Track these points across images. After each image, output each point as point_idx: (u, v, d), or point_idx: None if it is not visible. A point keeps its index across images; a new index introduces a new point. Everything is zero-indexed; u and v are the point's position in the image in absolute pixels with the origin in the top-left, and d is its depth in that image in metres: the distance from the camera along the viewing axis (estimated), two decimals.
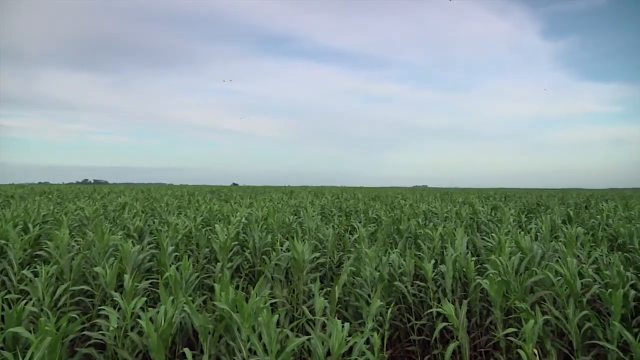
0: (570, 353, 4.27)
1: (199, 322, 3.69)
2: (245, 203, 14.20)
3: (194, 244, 7.08)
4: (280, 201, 17.29)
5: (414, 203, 16.56)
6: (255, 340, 3.47)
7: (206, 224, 9.23)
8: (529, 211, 14.33)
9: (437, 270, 5.50)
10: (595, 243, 7.35)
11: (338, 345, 3.44)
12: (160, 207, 13.09)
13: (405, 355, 5.22)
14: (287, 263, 5.90)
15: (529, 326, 3.76)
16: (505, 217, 10.03)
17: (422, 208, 13.25)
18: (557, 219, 9.67)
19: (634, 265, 5.97)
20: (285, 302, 5.13)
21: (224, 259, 5.94)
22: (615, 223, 9.01)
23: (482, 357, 4.97)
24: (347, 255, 6.71)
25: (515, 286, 4.75)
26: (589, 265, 5.33)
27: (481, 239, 7.66)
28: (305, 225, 8.68)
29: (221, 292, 3.83)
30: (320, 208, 14.24)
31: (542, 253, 5.88)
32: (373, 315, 4.29)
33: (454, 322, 4.27)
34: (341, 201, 18.15)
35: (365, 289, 5.06)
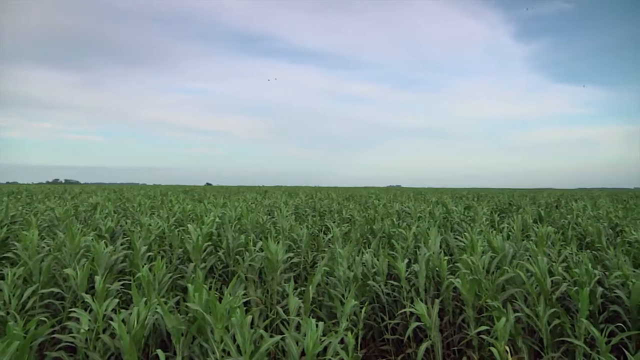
0: (541, 349, 4.35)
1: (171, 323, 3.66)
2: (218, 203, 14.11)
3: (167, 244, 7.02)
4: (254, 201, 17.23)
5: (387, 203, 16.64)
6: (229, 341, 3.46)
7: (179, 224, 9.16)
8: (501, 211, 14.52)
9: (411, 270, 5.54)
10: (565, 242, 7.49)
11: (312, 345, 3.45)
12: (132, 207, 12.96)
13: (379, 355, 5.24)
14: (261, 263, 5.88)
15: (501, 324, 3.81)
16: (478, 217, 10.15)
17: (396, 208, 13.32)
18: (528, 218, 9.81)
19: (601, 263, 6.09)
20: (259, 302, 5.12)
21: (197, 259, 5.90)
22: (585, 222, 9.21)
23: (455, 356, 5.02)
24: (321, 255, 6.72)
25: (487, 285, 4.81)
26: (559, 264, 5.42)
27: (454, 238, 7.73)
28: (279, 225, 8.67)
29: (194, 292, 3.80)
30: (294, 208, 14.24)
31: (514, 252, 5.96)
32: (347, 314, 4.30)
33: (426, 321, 4.30)
34: (315, 201, 18.16)
35: (339, 288, 5.07)
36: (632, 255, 6.08)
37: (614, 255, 5.66)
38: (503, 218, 11.54)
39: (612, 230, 9.30)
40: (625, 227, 9.10)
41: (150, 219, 8.54)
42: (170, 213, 10.08)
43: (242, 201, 16.26)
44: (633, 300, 4.46)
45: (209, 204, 13.39)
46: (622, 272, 4.92)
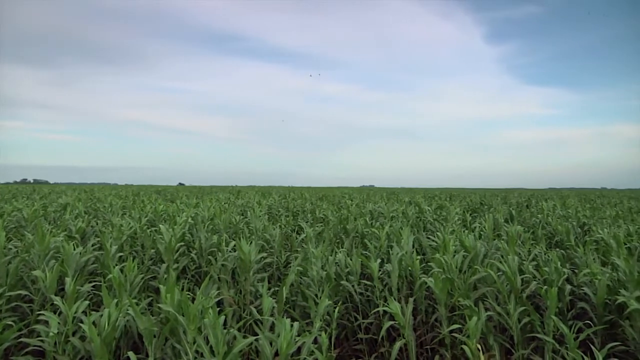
0: (512, 347, 4.41)
1: (143, 325, 3.61)
2: (191, 203, 14.00)
3: (139, 245, 6.94)
4: (227, 201, 17.14)
5: (360, 203, 16.71)
6: (202, 342, 3.43)
7: (151, 224, 9.07)
8: (473, 210, 14.68)
9: (384, 269, 5.57)
10: (535, 241, 7.61)
11: (286, 345, 3.44)
12: (104, 207, 12.77)
13: (353, 354, 5.26)
14: (234, 263, 5.85)
15: (473, 322, 3.85)
16: (451, 217, 10.24)
17: (369, 208, 13.37)
18: (500, 217, 9.95)
19: (570, 261, 6.21)
20: (233, 303, 5.09)
21: (170, 260, 5.85)
22: (554, 221, 9.37)
23: (428, 354, 5.06)
24: (294, 255, 6.71)
25: (459, 284, 4.86)
26: (529, 262, 5.51)
27: (427, 238, 7.79)
28: (252, 226, 8.63)
29: (167, 293, 3.76)
30: (267, 208, 14.20)
31: (485, 251, 6.03)
32: (321, 314, 4.31)
33: (400, 320, 4.33)
34: (288, 201, 18.14)
35: (313, 288, 5.07)
36: (602, 253, 6.21)
37: (583, 254, 5.77)
38: (475, 218, 11.67)
39: (581, 229, 9.49)
40: (592, 225, 9.30)
41: (122, 220, 8.44)
42: (142, 213, 9.97)
43: (215, 201, 16.15)
44: (599, 297, 4.56)
45: (181, 204, 13.28)
46: (590, 270, 5.02)
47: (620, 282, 4.76)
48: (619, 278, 4.80)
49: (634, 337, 4.07)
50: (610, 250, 6.11)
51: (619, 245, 6.24)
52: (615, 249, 6.14)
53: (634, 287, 4.53)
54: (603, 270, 5.06)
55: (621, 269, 4.82)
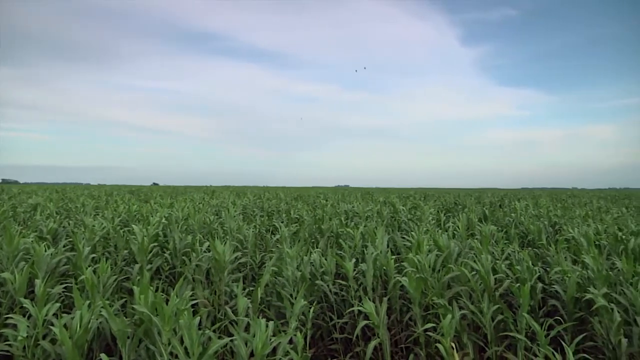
0: (485, 344, 4.46)
1: (117, 326, 3.57)
2: (165, 203, 13.88)
3: (112, 245, 6.86)
4: (201, 201, 17.03)
5: (335, 203, 16.73)
6: (177, 343, 3.40)
7: (125, 225, 8.97)
8: (447, 210, 14.81)
9: (358, 269, 5.58)
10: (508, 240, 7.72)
11: (262, 345, 3.43)
12: (76, 208, 12.59)
13: (328, 354, 5.26)
14: (208, 264, 5.82)
15: (447, 321, 3.89)
16: (425, 216, 10.32)
17: (344, 208, 13.41)
18: (473, 217, 10.05)
19: (542, 260, 6.31)
20: (207, 304, 5.06)
21: (143, 260, 5.79)
22: (527, 221, 9.50)
23: (402, 353, 5.09)
24: (269, 255, 6.70)
25: (433, 283, 4.90)
26: (502, 261, 5.57)
27: (401, 237, 7.84)
28: (226, 226, 8.59)
29: (140, 294, 3.72)
30: (242, 208, 14.14)
31: (459, 250, 6.09)
32: (296, 314, 4.31)
33: (374, 319, 4.35)
34: (263, 201, 18.09)
35: (288, 288, 5.06)
36: (572, 252, 6.32)
37: (555, 252, 5.86)
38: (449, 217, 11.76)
39: (552, 228, 9.65)
40: (563, 225, 9.47)
41: (95, 220, 8.33)
42: (116, 214, 9.85)
43: (189, 201, 16.04)
44: (569, 294, 4.65)
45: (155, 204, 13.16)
46: (562, 268, 5.10)
47: (590, 280, 4.86)
48: (589, 276, 4.90)
49: (602, 333, 4.16)
50: (581, 249, 6.22)
51: (589, 244, 6.35)
52: (585, 248, 6.26)
53: (602, 284, 4.63)
54: (573, 269, 5.16)
55: (590, 267, 4.91)
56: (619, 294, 4.65)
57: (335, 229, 8.62)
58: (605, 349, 4.16)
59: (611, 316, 4.04)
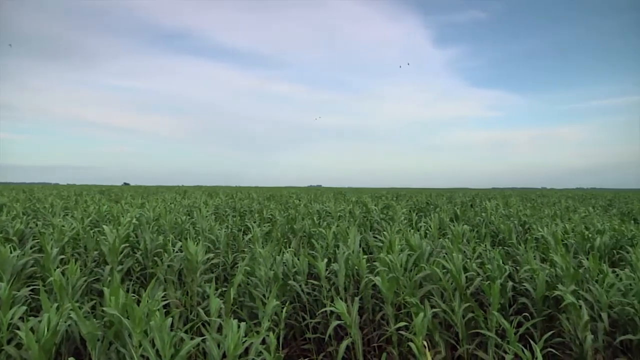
0: (457, 343, 4.51)
1: (86, 329, 3.51)
2: (136, 203, 13.72)
3: (82, 246, 6.75)
4: (173, 201, 16.87)
5: (308, 203, 16.74)
6: (148, 345, 3.37)
7: (95, 225, 8.84)
8: (419, 210, 14.92)
9: (330, 269, 5.60)
10: (479, 239, 7.80)
11: (234, 346, 3.42)
12: (44, 208, 12.35)
13: (301, 354, 5.27)
14: (180, 264, 5.77)
15: (419, 320, 3.92)
16: (397, 216, 10.38)
17: (316, 207, 13.42)
18: (445, 217, 10.14)
19: (512, 258, 6.40)
20: (179, 305, 5.02)
21: (114, 261, 5.71)
22: (497, 220, 9.63)
23: (375, 352, 5.12)
24: (241, 256, 6.68)
25: (405, 282, 4.94)
26: (473, 260, 5.64)
27: (373, 237, 7.88)
28: (198, 226, 8.53)
29: (111, 296, 3.67)
30: (214, 208, 14.06)
31: (431, 250, 6.14)
32: (269, 315, 4.29)
33: (346, 319, 4.36)
34: (235, 201, 18.00)
35: (260, 288, 5.05)
36: (541, 250, 6.43)
37: (524, 251, 5.96)
38: (421, 217, 11.86)
39: (522, 228, 9.79)
40: (533, 224, 9.61)
41: (64, 221, 8.19)
42: (85, 214, 9.70)
43: (161, 201, 15.88)
44: (538, 292, 4.73)
45: (126, 205, 13.00)
46: (531, 266, 5.19)
47: (558, 278, 4.95)
48: (557, 274, 4.99)
49: (570, 329, 4.24)
50: (549, 248, 6.33)
51: (557, 243, 6.47)
52: (553, 246, 6.37)
53: (570, 282, 4.72)
54: (542, 267, 5.24)
55: (559, 265, 5.00)
56: (586, 291, 4.75)
57: (307, 228, 8.63)
58: (573, 344, 4.24)
59: (579, 313, 4.12)
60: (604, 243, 6.90)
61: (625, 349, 4.54)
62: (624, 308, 4.35)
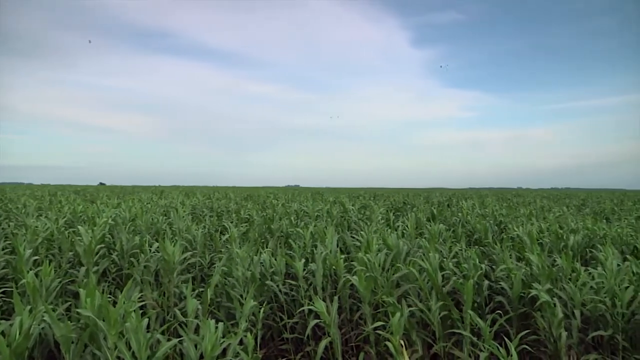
0: (433, 341, 4.54)
1: (60, 331, 3.46)
2: (112, 203, 13.57)
3: (56, 247, 6.66)
4: (149, 201, 16.72)
5: (285, 202, 16.72)
6: (123, 347, 3.33)
7: (69, 226, 8.73)
8: (396, 210, 14.98)
9: (308, 269, 5.60)
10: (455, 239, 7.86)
11: (211, 347, 3.40)
12: (17, 208, 12.14)
13: (279, 354, 5.26)
14: (157, 265, 5.73)
15: (396, 319, 3.94)
16: (374, 216, 10.42)
17: (294, 207, 13.41)
18: (422, 216, 10.19)
19: (488, 258, 6.46)
20: (156, 305, 4.98)
21: (90, 262, 5.64)
22: (473, 220, 9.71)
23: (353, 352, 5.13)
24: (218, 256, 6.65)
25: (382, 281, 4.96)
26: (449, 260, 5.68)
27: (351, 237, 7.90)
28: (175, 226, 8.47)
29: (86, 298, 3.62)
30: (191, 208, 13.96)
31: (408, 249, 6.17)
32: (246, 315, 4.28)
33: (325, 318, 4.36)
34: (213, 201, 17.90)
35: (238, 289, 5.03)
36: (517, 250, 6.50)
37: (500, 250, 6.02)
38: (398, 217, 11.91)
39: (498, 227, 9.90)
40: (508, 224, 9.72)
41: (37, 221, 8.07)
42: (60, 214, 9.57)
43: (137, 201, 15.72)
44: (514, 290, 4.79)
45: (101, 205, 12.85)
46: (506, 265, 5.25)
47: (533, 276, 5.01)
48: (532, 272, 5.06)
49: (544, 327, 4.30)
50: (525, 247, 6.41)
51: (532, 242, 6.55)
52: (528, 245, 6.45)
53: (545, 281, 4.78)
54: (518, 266, 5.31)
55: (534, 264, 5.07)
56: (560, 289, 4.82)
57: (285, 228, 8.62)
58: (547, 341, 4.30)
59: (553, 311, 4.18)
60: (576, 242, 7.02)
61: (597, 345, 4.63)
62: (596, 305, 4.44)
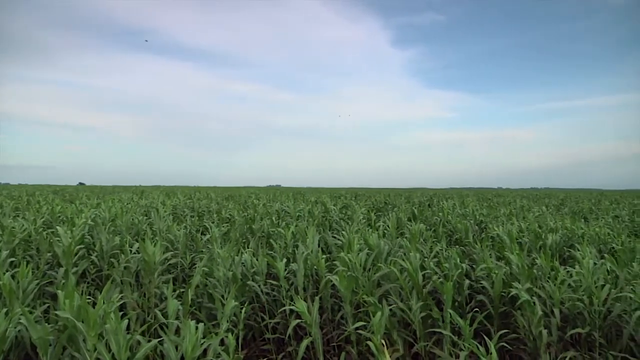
0: (414, 341, 4.57)
1: (37, 334, 3.42)
2: (92, 204, 13.43)
3: (34, 248, 6.58)
4: (130, 201, 16.58)
5: (267, 202, 16.69)
6: (103, 348, 3.30)
7: (48, 226, 8.62)
8: (377, 210, 15.03)
9: (290, 269, 5.60)
10: (436, 238, 7.91)
11: (192, 348, 3.38)
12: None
13: (261, 354, 5.25)
14: (137, 265, 5.68)
15: (377, 319, 3.95)
16: (356, 216, 10.44)
17: (275, 207, 13.39)
18: (403, 216, 10.24)
19: (469, 257, 6.51)
20: (136, 306, 4.94)
21: (68, 263, 5.58)
22: (454, 220, 9.78)
23: (334, 352, 5.14)
24: (199, 256, 6.62)
25: (363, 281, 4.97)
26: (430, 259, 5.72)
27: (332, 236, 7.91)
28: (155, 227, 8.41)
29: (65, 299, 3.58)
30: (172, 208, 13.87)
31: (389, 249, 6.20)
32: (227, 315, 4.26)
33: (307, 318, 4.37)
34: (194, 201, 17.80)
35: (219, 289, 5.02)
36: (497, 249, 6.56)
37: (480, 250, 6.07)
38: (379, 216, 11.95)
39: (478, 227, 9.98)
40: (489, 223, 9.81)
41: (14, 222, 7.96)
42: (38, 215, 9.44)
43: (117, 201, 15.58)
44: (495, 290, 4.83)
45: (81, 205, 12.71)
46: (487, 264, 5.29)
47: (513, 276, 5.06)
48: (512, 272, 5.11)
49: (524, 325, 4.35)
50: (504, 246, 6.47)
51: (512, 241, 6.62)
52: (508, 245, 6.51)
53: (525, 280, 4.83)
54: (498, 265, 5.36)
55: (514, 263, 5.12)
56: (539, 288, 4.87)
57: (266, 228, 8.61)
58: (527, 340, 4.35)
59: (533, 309, 4.23)
60: (555, 241, 7.10)
61: (575, 342, 4.69)
62: (574, 303, 4.50)
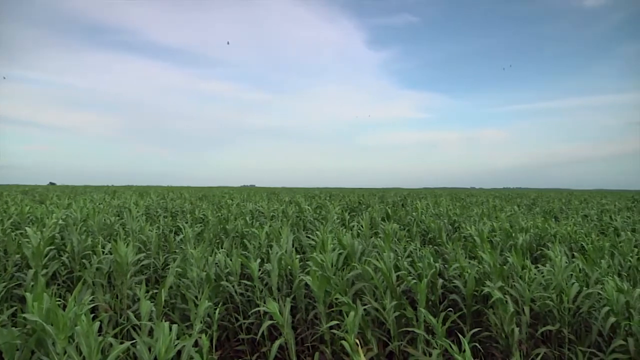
0: (389, 340, 4.59)
1: (3, 339, 3.34)
2: (62, 204, 13.22)
3: (2, 250, 6.45)
4: (102, 202, 16.36)
5: (241, 202, 16.62)
6: (73, 351, 3.25)
7: (16, 227, 8.46)
8: (351, 209, 15.08)
9: (263, 269, 5.59)
10: (410, 238, 7.97)
11: (165, 349, 3.35)
12: None
13: (235, 355, 5.22)
14: (110, 266, 5.61)
15: (351, 318, 3.96)
16: (330, 216, 10.46)
17: (249, 207, 13.35)
18: (377, 216, 10.28)
19: (442, 256, 6.57)
20: (108, 308, 4.88)
21: (38, 265, 5.48)
22: (428, 219, 9.86)
23: (308, 352, 5.14)
24: (173, 257, 6.56)
25: (336, 281, 4.98)
26: (404, 259, 5.75)
27: (306, 236, 7.91)
28: (128, 227, 8.32)
29: (34, 302, 3.52)
30: (144, 209, 13.73)
31: (363, 249, 6.22)
32: (201, 316, 4.24)
33: (279, 319, 4.36)
34: (167, 201, 17.65)
35: (193, 290, 4.98)
36: (468, 249, 6.64)
37: (452, 249, 6.13)
38: (353, 216, 11.99)
39: (452, 226, 10.07)
40: (462, 223, 9.91)
41: None
42: (5, 216, 9.26)
43: (89, 202, 15.36)
44: (468, 288, 4.89)
45: (51, 205, 12.50)
46: (460, 264, 5.35)
47: (486, 274, 5.12)
48: (485, 270, 5.17)
49: (497, 323, 4.41)
50: (477, 246, 6.54)
51: (482, 241, 6.70)
52: (479, 244, 6.59)
53: (497, 278, 4.90)
54: (471, 264, 5.42)
55: (486, 262, 5.19)
56: (511, 286, 4.94)
57: (240, 229, 8.58)
58: (499, 337, 4.41)
59: (505, 307, 4.29)
60: (525, 240, 7.22)
61: (545, 339, 4.77)
62: (545, 301, 4.58)
